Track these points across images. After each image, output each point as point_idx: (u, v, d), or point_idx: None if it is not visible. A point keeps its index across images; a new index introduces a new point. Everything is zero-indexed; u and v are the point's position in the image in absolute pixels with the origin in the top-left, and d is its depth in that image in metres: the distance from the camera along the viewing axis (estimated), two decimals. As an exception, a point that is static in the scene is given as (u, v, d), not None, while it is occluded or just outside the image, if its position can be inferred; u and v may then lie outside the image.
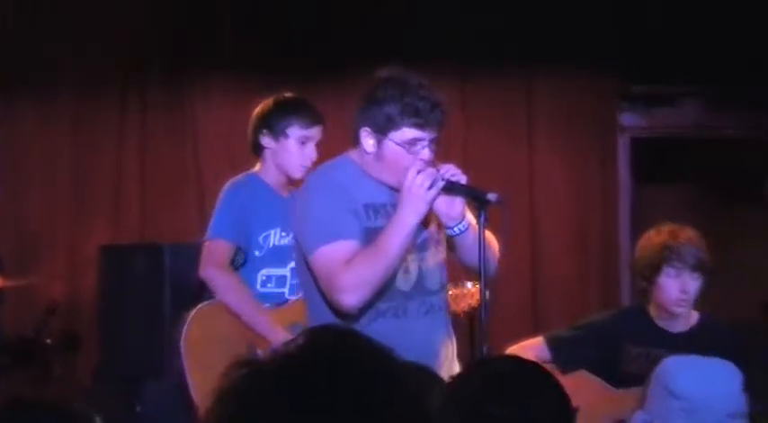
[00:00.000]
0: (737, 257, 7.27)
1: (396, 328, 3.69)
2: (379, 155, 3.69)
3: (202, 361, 4.17)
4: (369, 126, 3.68)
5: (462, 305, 4.59)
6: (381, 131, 3.65)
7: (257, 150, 4.57)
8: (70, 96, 6.54)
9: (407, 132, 3.64)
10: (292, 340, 1.38)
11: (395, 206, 3.65)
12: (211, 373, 1.52)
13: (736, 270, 7.17)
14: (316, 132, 4.49)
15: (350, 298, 3.62)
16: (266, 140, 4.52)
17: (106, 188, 6.54)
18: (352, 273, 3.59)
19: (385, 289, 3.71)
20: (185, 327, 4.28)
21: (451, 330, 3.98)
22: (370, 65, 3.83)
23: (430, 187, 3.58)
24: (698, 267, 4.29)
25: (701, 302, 4.44)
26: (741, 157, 7.51)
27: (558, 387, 2.29)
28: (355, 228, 3.68)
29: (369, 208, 3.74)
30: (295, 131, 4.48)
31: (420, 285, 3.79)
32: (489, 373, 2.28)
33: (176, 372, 4.33)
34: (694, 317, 4.41)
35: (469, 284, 4.86)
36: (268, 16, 6.64)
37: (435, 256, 3.84)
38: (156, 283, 5.57)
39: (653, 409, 2.96)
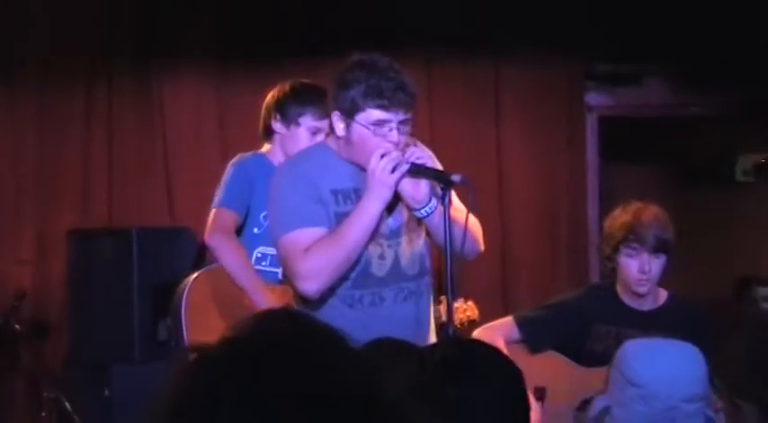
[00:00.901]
0: (706, 237, 7.31)
1: (373, 316, 3.70)
2: (348, 138, 3.71)
3: (203, 324, 4.17)
4: (338, 110, 3.70)
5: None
6: (349, 114, 3.67)
7: (268, 133, 4.57)
8: (36, 83, 6.49)
9: (373, 114, 3.64)
10: (242, 324, 1.37)
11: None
12: (213, 336, 1.50)
13: (705, 249, 7.21)
14: (327, 125, 4.49)
15: (309, 284, 3.63)
16: (278, 126, 4.53)
17: (74, 174, 6.49)
18: (310, 259, 3.61)
19: (360, 275, 3.72)
20: (185, 292, 4.27)
21: (432, 316, 3.99)
22: (338, 49, 3.83)
23: (393, 170, 3.60)
24: (658, 248, 4.29)
25: (670, 282, 4.45)
26: (709, 135, 7.54)
27: (511, 366, 2.30)
28: (321, 216, 3.69)
29: (337, 193, 3.75)
30: (307, 121, 4.49)
31: (396, 271, 3.79)
32: (444, 355, 2.29)
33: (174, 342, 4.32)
34: (662, 295, 4.42)
35: (460, 301, 4.92)
36: (236, 2, 6.60)
37: (413, 242, 3.83)
38: (124, 268, 5.56)
39: (612, 394, 2.97)
